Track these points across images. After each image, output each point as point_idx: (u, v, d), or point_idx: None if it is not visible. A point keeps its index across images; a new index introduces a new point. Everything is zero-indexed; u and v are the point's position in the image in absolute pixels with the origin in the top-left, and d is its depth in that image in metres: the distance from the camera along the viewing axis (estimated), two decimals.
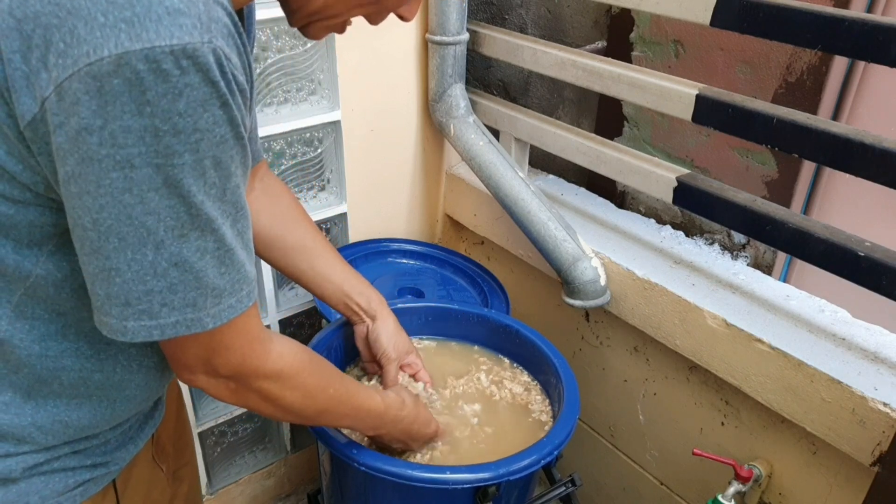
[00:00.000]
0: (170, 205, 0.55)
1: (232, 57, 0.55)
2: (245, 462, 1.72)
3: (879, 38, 0.92)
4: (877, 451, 1.04)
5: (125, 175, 0.53)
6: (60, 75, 0.51)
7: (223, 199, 0.59)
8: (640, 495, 1.57)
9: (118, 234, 0.55)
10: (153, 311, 0.59)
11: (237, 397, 0.73)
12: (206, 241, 0.59)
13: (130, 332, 0.60)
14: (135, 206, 0.54)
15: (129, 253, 0.56)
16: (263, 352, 0.71)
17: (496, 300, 1.50)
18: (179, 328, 0.61)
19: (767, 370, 1.16)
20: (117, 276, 0.57)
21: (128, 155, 0.53)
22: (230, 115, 0.56)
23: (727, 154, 1.45)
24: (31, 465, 0.70)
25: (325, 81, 1.44)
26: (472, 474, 0.94)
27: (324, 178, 1.55)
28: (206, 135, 0.55)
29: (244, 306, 0.64)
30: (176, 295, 0.59)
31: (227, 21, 0.56)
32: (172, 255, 0.57)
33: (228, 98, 0.55)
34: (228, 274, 0.61)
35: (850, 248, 1.03)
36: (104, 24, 0.50)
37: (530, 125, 1.53)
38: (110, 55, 0.50)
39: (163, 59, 0.51)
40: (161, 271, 0.58)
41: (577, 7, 1.61)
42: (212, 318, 0.62)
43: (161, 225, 0.56)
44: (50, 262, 0.63)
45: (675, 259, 1.38)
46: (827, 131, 1.01)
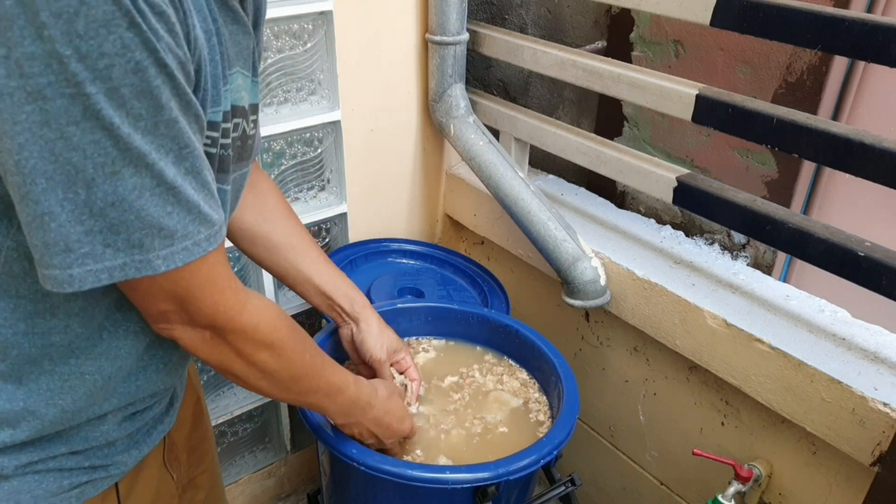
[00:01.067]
0: (94, 139, 0.51)
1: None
2: (245, 462, 1.72)
3: (879, 38, 0.92)
4: (877, 451, 1.04)
5: (39, 107, 0.49)
6: None
7: (155, 132, 0.54)
8: (640, 495, 1.57)
9: (44, 174, 0.51)
10: (96, 253, 0.55)
11: (210, 349, 0.69)
12: (143, 178, 0.54)
13: (77, 280, 0.55)
14: (56, 141, 0.50)
15: (59, 192, 0.52)
16: (237, 302, 0.68)
17: (496, 300, 1.50)
18: (128, 270, 0.57)
19: (767, 370, 1.16)
20: (52, 221, 0.53)
21: (37, 85, 0.48)
22: (144, 38, 0.50)
23: (727, 154, 1.45)
24: (24, 462, 0.68)
25: (325, 81, 1.44)
26: (472, 474, 0.94)
27: (324, 178, 1.55)
28: (115, 60, 0.49)
29: (202, 250, 0.60)
30: (119, 236, 0.55)
31: None
32: (107, 193, 0.53)
33: (137, 18, 0.50)
34: (177, 214, 0.57)
35: (850, 248, 1.03)
36: None
37: (530, 125, 1.53)
38: None
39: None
40: (97, 211, 0.53)
41: (577, 7, 1.61)
42: (163, 259, 0.58)
43: (89, 162, 0.52)
44: (20, 232, 0.59)
45: (675, 259, 1.38)
46: (827, 131, 1.01)
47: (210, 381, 1.56)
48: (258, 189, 1.01)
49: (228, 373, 0.74)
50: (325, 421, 1.01)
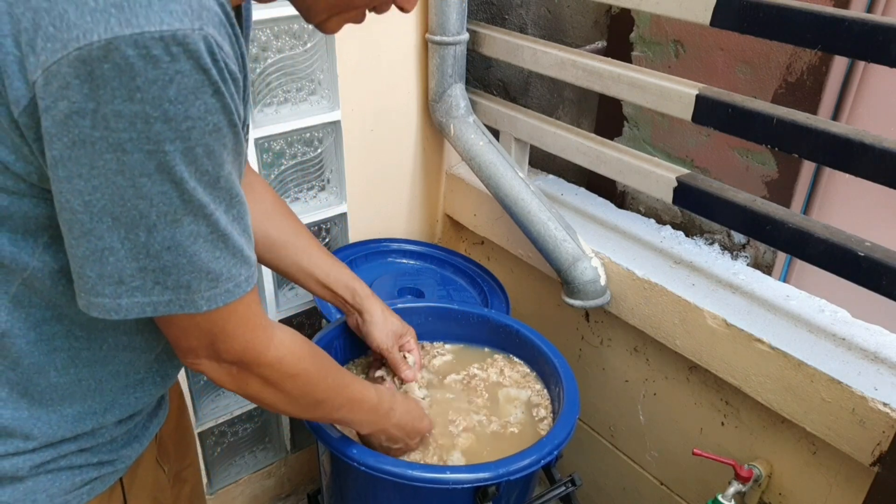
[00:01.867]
0: (162, 190, 0.55)
1: (224, 45, 0.55)
2: (245, 462, 1.72)
3: (879, 38, 0.92)
4: (877, 451, 1.04)
5: (117, 158, 0.53)
6: (49, 59, 0.51)
7: (216, 185, 0.59)
8: (640, 495, 1.57)
9: (111, 215, 0.56)
10: (146, 288, 0.59)
11: (238, 383, 0.74)
12: (199, 226, 0.59)
13: (124, 309, 0.60)
14: (127, 188, 0.55)
15: (122, 231, 0.56)
16: (266, 338, 0.72)
17: (496, 300, 1.50)
18: (172, 307, 0.61)
19: (767, 370, 1.16)
20: (111, 255, 0.57)
21: (119, 139, 0.53)
22: (223, 103, 0.56)
23: (727, 154, 1.45)
24: (38, 463, 0.71)
25: (324, 81, 1.44)
26: (472, 474, 0.94)
27: (324, 178, 1.55)
28: (197, 123, 0.54)
29: (242, 291, 0.65)
30: (169, 276, 0.60)
31: (217, 10, 0.55)
32: (165, 238, 0.58)
33: (221, 86, 0.55)
34: (223, 259, 0.62)
35: (850, 248, 1.03)
36: (94, 8, 0.50)
37: (530, 125, 1.53)
38: (100, 40, 0.50)
39: (152, 45, 0.50)
40: (154, 252, 0.58)
41: (577, 7, 1.61)
42: (206, 301, 0.62)
43: (153, 210, 0.56)
44: (46, 253, 0.63)
45: (675, 259, 1.38)
46: (827, 131, 1.01)
47: (210, 381, 1.55)
48: (254, 190, 1.02)
49: (254, 400, 0.79)
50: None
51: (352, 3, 0.69)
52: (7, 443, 0.69)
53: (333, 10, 0.70)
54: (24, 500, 0.70)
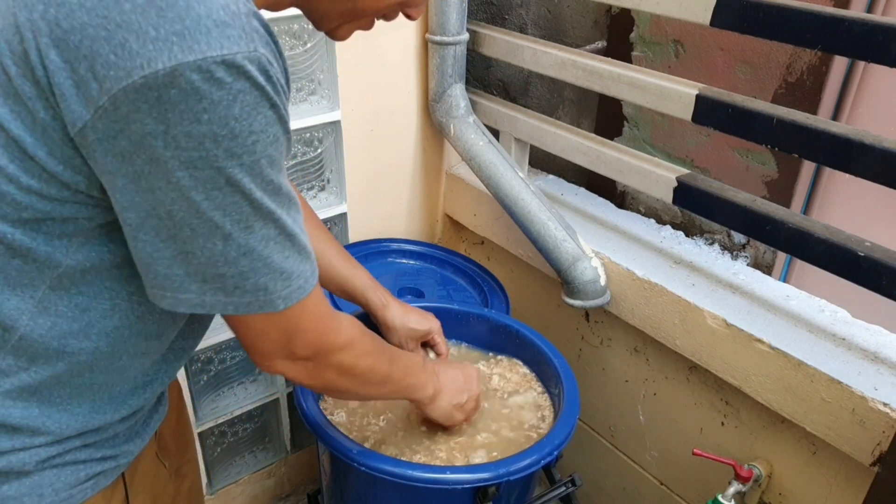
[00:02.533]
0: (233, 201, 0.59)
1: (273, 62, 0.59)
2: (245, 462, 1.72)
3: (879, 38, 0.92)
4: (877, 451, 1.04)
5: (190, 174, 0.57)
6: (114, 86, 0.53)
7: (279, 192, 0.63)
8: (640, 495, 1.57)
9: (190, 226, 0.60)
10: (227, 290, 0.64)
11: (314, 377, 0.78)
12: (269, 230, 0.63)
13: (209, 304, 0.64)
14: (201, 202, 0.58)
15: (200, 241, 0.60)
16: (335, 326, 0.77)
17: (496, 300, 1.50)
18: (252, 307, 0.66)
19: (767, 370, 1.16)
20: (194, 259, 0.62)
21: (190, 158, 0.56)
22: (279, 115, 0.59)
23: (727, 154, 1.45)
24: (43, 458, 0.72)
25: (325, 81, 1.44)
26: (472, 474, 0.94)
27: (324, 178, 1.55)
28: (261, 136, 0.58)
29: (311, 286, 0.69)
30: (247, 280, 0.64)
31: (263, 31, 0.59)
32: (241, 245, 0.62)
33: (276, 99, 0.58)
34: (293, 258, 0.66)
35: (850, 248, 1.03)
36: (156, 37, 0.53)
37: (530, 125, 1.53)
38: (164, 67, 0.53)
39: (215, 69, 0.54)
40: (231, 259, 0.62)
41: (577, 7, 1.61)
42: (283, 299, 0.67)
43: (227, 219, 0.60)
44: (80, 252, 0.65)
45: (675, 259, 1.38)
46: (827, 131, 1.01)
47: (210, 380, 1.56)
48: None
49: (335, 391, 0.85)
50: (326, 421, 1.01)
51: (362, 12, 0.72)
52: (15, 438, 0.70)
53: (345, 19, 0.73)
54: (31, 495, 0.72)
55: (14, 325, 0.66)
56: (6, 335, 0.66)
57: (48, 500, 0.73)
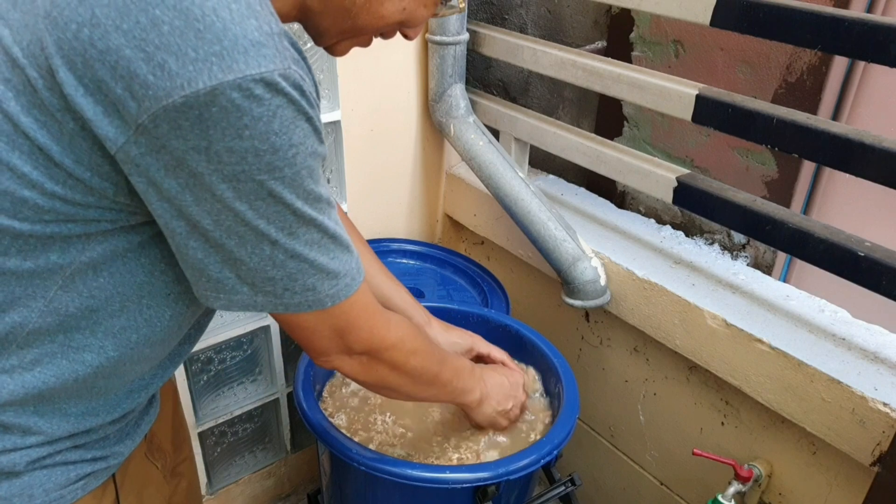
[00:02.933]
0: (276, 210, 0.62)
1: (305, 77, 0.61)
2: (245, 462, 1.72)
3: (879, 38, 0.92)
4: (877, 451, 1.04)
5: (233, 187, 0.59)
6: (153, 105, 0.55)
7: (319, 200, 0.65)
8: (640, 495, 1.57)
9: (237, 234, 0.62)
10: (277, 292, 0.67)
11: (368, 372, 0.81)
12: (313, 234, 0.65)
13: (260, 304, 0.67)
14: (246, 212, 0.61)
15: (248, 248, 0.63)
16: (385, 321, 0.79)
17: (496, 300, 1.50)
18: (301, 306, 0.68)
19: (767, 370, 1.16)
20: (242, 266, 0.64)
21: (233, 171, 0.58)
22: (314, 127, 0.62)
23: (727, 154, 1.45)
24: (34, 458, 0.72)
25: (325, 81, 1.44)
26: (472, 474, 0.94)
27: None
28: (299, 148, 0.60)
29: (357, 283, 0.71)
30: (296, 282, 0.66)
31: (293, 50, 0.61)
32: (287, 250, 0.64)
33: (311, 112, 0.61)
34: (338, 258, 0.68)
35: (850, 248, 1.03)
36: (195, 58, 0.54)
37: (530, 125, 1.53)
38: (205, 87, 0.54)
39: (254, 87, 0.56)
40: (279, 263, 0.65)
41: (577, 7, 1.61)
42: (330, 297, 0.69)
43: (272, 227, 0.62)
44: (95, 250, 0.66)
45: (675, 259, 1.38)
46: (827, 131, 1.01)
47: (210, 380, 1.56)
48: None
49: (386, 388, 0.86)
50: (326, 421, 1.01)
51: (361, 30, 0.74)
52: (6, 439, 0.70)
53: (344, 36, 0.75)
54: (21, 496, 0.72)
55: (24, 322, 0.66)
56: (15, 331, 0.66)
57: (38, 500, 0.73)
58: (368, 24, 0.73)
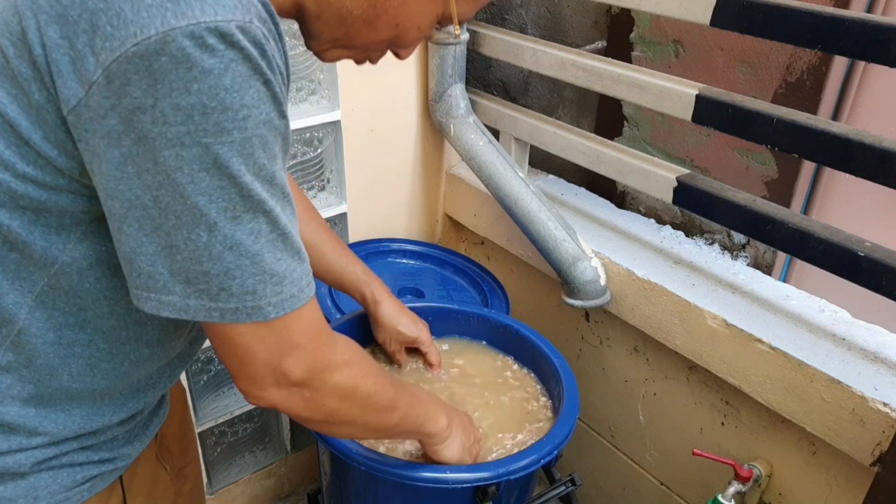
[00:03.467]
0: (220, 185, 0.56)
1: (270, 40, 0.57)
2: (245, 462, 1.72)
3: (879, 38, 0.92)
4: (877, 451, 1.04)
5: (176, 153, 0.54)
6: (108, 58, 0.52)
7: (273, 182, 0.59)
8: (640, 495, 1.57)
9: (175, 213, 0.56)
10: (212, 292, 0.59)
11: (314, 406, 0.70)
12: (259, 224, 0.59)
13: (192, 309, 0.60)
14: (187, 185, 0.55)
15: (184, 231, 0.57)
16: (331, 341, 0.70)
17: (496, 300, 1.50)
18: (240, 314, 0.60)
19: (767, 370, 1.16)
20: (177, 254, 0.58)
21: (178, 133, 0.54)
22: (273, 93, 0.57)
23: (727, 154, 1.45)
24: (40, 459, 0.71)
25: (325, 81, 1.44)
26: (472, 474, 0.94)
27: (324, 178, 1.55)
28: (252, 111, 0.55)
29: (306, 296, 0.64)
30: (234, 280, 0.59)
31: (262, 9, 0.57)
32: (226, 237, 0.58)
33: (270, 76, 0.56)
34: (285, 261, 0.61)
35: (850, 248, 1.03)
36: (150, 4, 0.51)
37: (530, 125, 1.53)
38: (157, 33, 0.51)
39: (207, 35, 0.52)
40: (216, 254, 0.58)
41: (577, 7, 1.61)
42: (273, 307, 0.61)
43: (213, 206, 0.56)
44: (77, 249, 0.64)
45: (675, 259, 1.38)
46: (827, 131, 1.01)
47: (210, 380, 1.56)
48: None
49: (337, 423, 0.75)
50: None
51: (352, 42, 0.71)
52: (10, 439, 0.69)
53: (335, 44, 0.72)
54: (26, 497, 0.71)
55: (13, 319, 0.65)
56: (5, 329, 0.66)
57: (43, 502, 0.72)
58: (361, 36, 0.70)
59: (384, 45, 0.73)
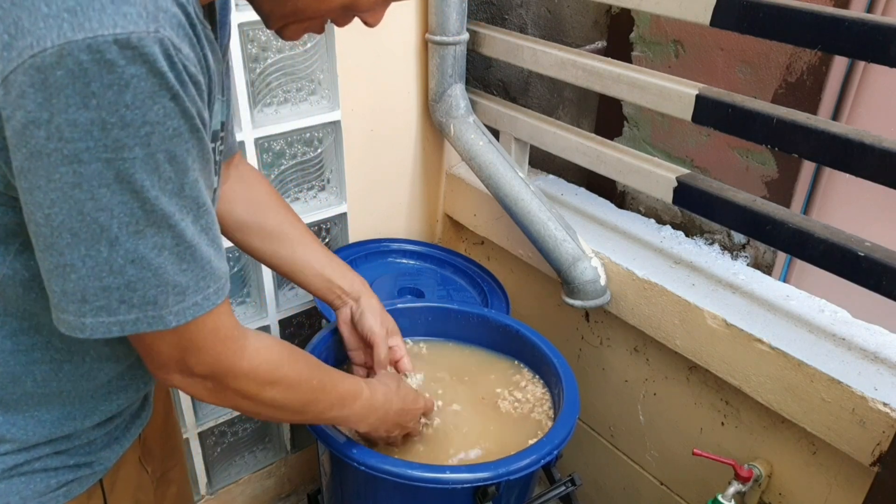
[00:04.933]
0: (122, 200, 0.54)
1: (182, 47, 0.54)
2: (245, 462, 1.72)
3: (879, 38, 0.92)
4: (877, 451, 1.04)
5: (74, 170, 0.52)
6: (6, 68, 0.50)
7: (181, 194, 0.57)
8: (640, 495, 1.57)
9: (70, 230, 0.54)
10: (111, 307, 0.58)
11: (215, 396, 0.72)
12: (164, 238, 0.57)
13: (89, 328, 0.58)
14: (85, 201, 0.53)
15: (82, 249, 0.55)
16: (237, 349, 0.70)
17: (496, 300, 1.50)
18: (140, 325, 0.59)
19: (767, 370, 1.16)
20: (72, 273, 0.56)
21: (75, 149, 0.51)
22: (182, 107, 0.54)
23: (727, 154, 1.45)
24: (10, 465, 0.70)
25: (325, 81, 1.44)
26: (472, 474, 0.94)
27: (324, 178, 1.55)
28: (156, 128, 0.53)
29: (211, 304, 0.63)
30: (135, 293, 0.58)
31: (176, 11, 0.54)
32: (128, 251, 0.56)
33: (179, 90, 0.53)
34: (191, 271, 0.60)
35: (850, 248, 1.03)
36: (47, 14, 0.49)
37: (530, 125, 1.53)
38: (53, 46, 0.49)
39: (106, 49, 0.49)
40: (117, 268, 0.56)
41: (577, 7, 1.61)
42: (175, 315, 0.60)
43: (114, 221, 0.54)
44: (17, 261, 0.62)
45: (675, 259, 1.38)
46: (827, 131, 1.01)
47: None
48: (247, 181, 1.01)
49: (237, 410, 0.77)
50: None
51: (304, 14, 0.68)
52: None
53: (288, 20, 0.69)
54: None
55: None
56: None
57: None
58: (310, 8, 0.67)
59: (339, 12, 0.69)
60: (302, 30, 0.71)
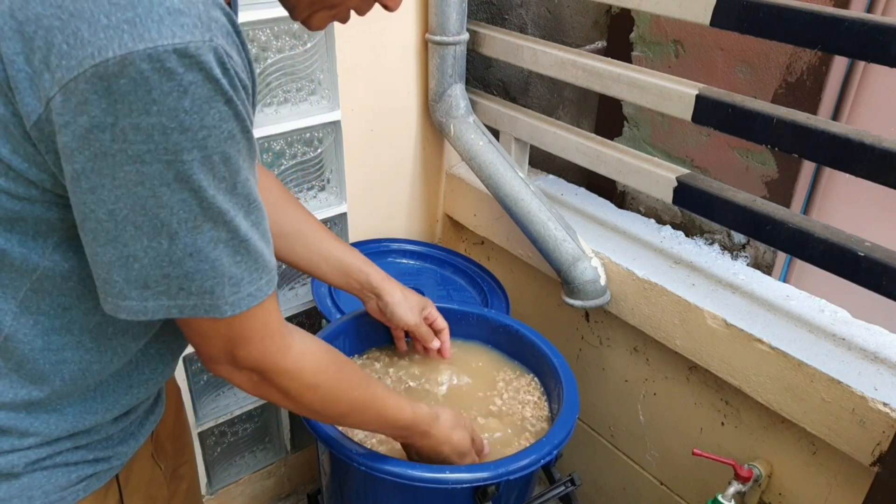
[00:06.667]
0: (181, 199, 0.57)
1: (232, 54, 0.57)
2: (245, 462, 1.72)
3: (879, 38, 0.92)
4: (877, 451, 1.04)
5: (137, 169, 0.55)
6: (65, 76, 0.52)
7: (234, 191, 0.60)
8: (640, 495, 1.57)
9: (134, 224, 0.57)
10: (171, 292, 0.61)
11: (258, 390, 0.75)
12: (219, 232, 0.60)
13: (151, 311, 0.62)
14: (148, 198, 0.56)
15: (144, 241, 0.58)
16: (284, 346, 0.73)
17: (496, 300, 1.50)
18: (198, 310, 0.63)
19: (767, 370, 1.16)
20: (136, 262, 0.59)
21: (138, 151, 0.54)
22: (235, 111, 0.57)
23: (727, 154, 1.45)
24: (33, 459, 0.71)
25: (325, 81, 1.44)
26: (472, 474, 0.94)
27: (324, 178, 1.55)
28: (212, 131, 0.56)
29: (263, 294, 0.66)
30: (193, 282, 0.61)
31: (225, 21, 0.57)
32: (187, 245, 0.59)
33: (232, 94, 0.56)
34: (245, 263, 0.63)
35: (850, 248, 1.03)
36: (107, 25, 0.51)
37: (530, 125, 1.53)
38: (115, 56, 0.51)
39: (166, 59, 0.52)
40: (176, 260, 0.60)
41: (577, 7, 1.61)
42: (230, 305, 0.64)
43: (174, 217, 0.58)
44: (56, 253, 0.64)
45: (675, 259, 1.38)
46: (827, 131, 1.01)
47: (210, 380, 1.56)
48: (259, 182, 1.01)
49: (279, 405, 0.81)
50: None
51: (329, 1, 0.70)
52: (2, 440, 0.69)
53: (315, 8, 0.71)
54: (20, 497, 0.71)
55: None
56: None
57: (38, 502, 0.72)
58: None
59: None
60: (328, 18, 0.73)
